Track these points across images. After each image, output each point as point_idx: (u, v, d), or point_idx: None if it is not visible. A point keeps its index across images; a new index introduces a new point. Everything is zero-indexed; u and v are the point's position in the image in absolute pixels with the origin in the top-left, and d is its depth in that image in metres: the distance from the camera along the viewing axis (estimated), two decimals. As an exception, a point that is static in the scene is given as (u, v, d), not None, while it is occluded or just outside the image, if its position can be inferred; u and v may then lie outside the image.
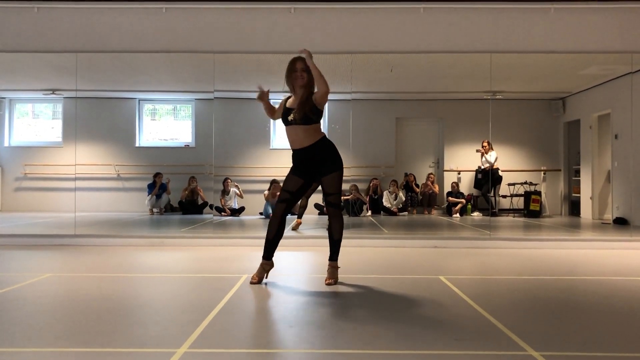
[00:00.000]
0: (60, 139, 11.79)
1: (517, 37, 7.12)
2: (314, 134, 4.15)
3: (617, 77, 8.81)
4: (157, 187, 11.11)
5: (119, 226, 8.88)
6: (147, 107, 12.13)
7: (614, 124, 9.31)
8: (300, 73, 4.18)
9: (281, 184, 11.52)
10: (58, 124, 12.00)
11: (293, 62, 4.22)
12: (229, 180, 11.07)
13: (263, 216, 10.52)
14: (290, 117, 4.13)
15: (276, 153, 11.77)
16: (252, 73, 9.59)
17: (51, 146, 11.77)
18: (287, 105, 4.25)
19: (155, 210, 11.14)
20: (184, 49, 7.23)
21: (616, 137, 9.20)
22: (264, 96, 4.32)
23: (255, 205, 10.92)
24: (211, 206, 10.85)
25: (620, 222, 8.79)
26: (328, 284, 4.20)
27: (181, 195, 11.19)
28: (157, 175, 11.16)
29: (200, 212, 11.08)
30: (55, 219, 9.40)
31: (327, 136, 4.25)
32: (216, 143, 9.26)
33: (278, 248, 4.36)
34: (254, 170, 11.57)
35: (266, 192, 10.41)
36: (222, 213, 10.80)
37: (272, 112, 4.38)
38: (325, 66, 8.77)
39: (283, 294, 4.02)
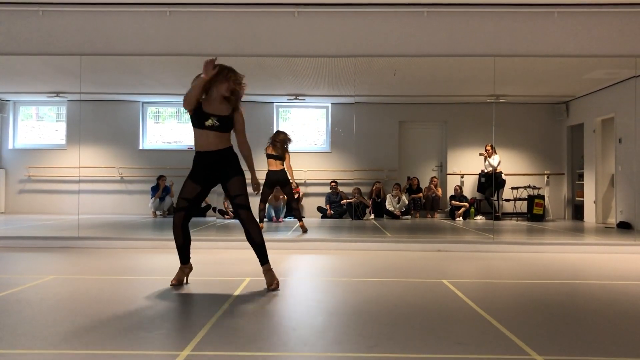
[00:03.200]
0: (64, 142, 11.82)
1: (521, 40, 7.11)
2: (225, 141, 4.14)
3: (621, 81, 8.79)
4: (160, 190, 11.12)
5: (122, 229, 8.90)
6: (150, 109, 12.16)
7: (617, 128, 9.29)
8: (243, 88, 4.15)
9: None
10: (62, 127, 12.04)
11: (233, 71, 4.14)
12: (232, 183, 11.06)
13: (266, 219, 10.52)
14: (209, 123, 4.05)
15: (279, 156, 11.76)
16: (256, 76, 9.60)
17: (55, 149, 11.80)
18: (204, 108, 4.09)
19: (158, 212, 11.15)
20: (187, 52, 7.24)
21: (620, 141, 9.18)
22: (210, 74, 4.04)
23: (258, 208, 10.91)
24: (214, 209, 10.85)
25: (624, 227, 8.76)
26: (272, 290, 4.09)
27: (184, 198, 11.19)
28: (160, 178, 11.18)
29: (203, 215, 11.08)
30: (59, 222, 9.42)
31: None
32: (219, 146, 9.25)
33: (279, 251, 4.36)
34: (257, 173, 11.52)
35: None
36: (225, 216, 10.80)
37: (197, 98, 4.11)
38: (329, 70, 8.84)
39: (286, 297, 4.02)
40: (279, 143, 8.28)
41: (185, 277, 4.37)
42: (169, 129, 12.31)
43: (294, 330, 3.07)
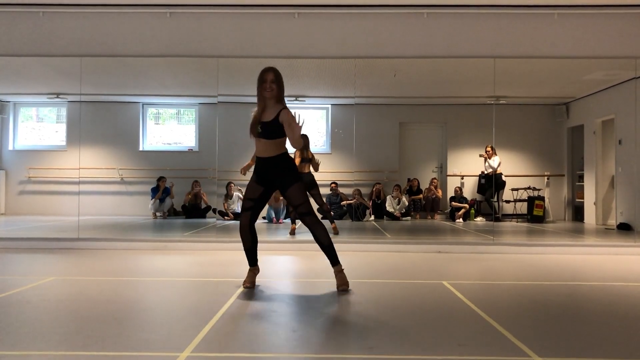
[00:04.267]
0: (64, 143, 11.82)
1: (521, 42, 7.12)
2: (274, 149, 4.16)
3: (621, 83, 8.79)
4: (160, 191, 11.13)
5: (122, 230, 8.90)
6: (151, 111, 12.16)
7: (617, 129, 9.30)
8: (270, 85, 4.17)
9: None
10: (62, 128, 12.05)
11: (263, 72, 4.22)
12: (232, 185, 11.08)
13: (266, 220, 10.52)
14: (258, 131, 4.15)
15: (279, 157, 11.78)
16: (256, 78, 9.60)
17: (55, 150, 11.80)
18: (258, 116, 4.22)
19: (158, 214, 11.15)
20: (188, 54, 7.25)
21: (620, 142, 9.18)
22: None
23: (259, 209, 10.91)
24: (214, 210, 10.86)
25: (624, 228, 8.76)
26: (342, 290, 4.13)
27: (184, 199, 11.21)
28: (160, 179, 11.18)
29: (203, 216, 11.08)
30: (59, 223, 9.42)
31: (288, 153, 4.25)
32: (220, 147, 9.28)
33: (280, 252, 4.37)
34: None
35: (269, 197, 10.41)
36: (225, 217, 10.80)
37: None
38: (329, 71, 8.85)
39: (286, 299, 4.02)
40: (305, 147, 8.30)
41: (254, 279, 4.35)
42: (169, 130, 12.32)
43: (294, 331, 3.07)
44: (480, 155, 10.79)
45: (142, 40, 7.19)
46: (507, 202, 11.03)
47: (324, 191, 11.54)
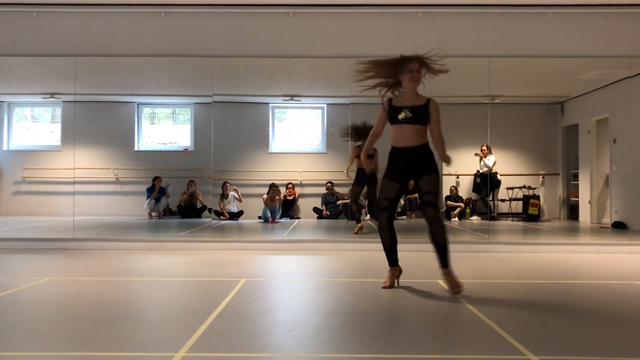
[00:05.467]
0: (59, 143, 11.78)
1: (515, 41, 7.14)
2: (421, 137, 4.10)
3: (615, 82, 8.82)
4: (156, 191, 11.10)
5: (117, 230, 8.87)
6: (146, 110, 12.13)
7: (612, 128, 9.33)
8: (416, 74, 4.16)
9: (280, 188, 11.49)
10: (57, 128, 12.00)
11: (407, 60, 4.17)
12: (228, 184, 11.07)
13: (262, 220, 10.51)
14: (401, 116, 4.06)
15: (275, 157, 11.79)
16: (251, 77, 9.60)
17: (50, 150, 11.76)
18: (395, 104, 4.17)
19: (154, 214, 11.13)
20: (182, 53, 7.24)
21: (614, 141, 9.22)
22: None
23: (254, 209, 10.92)
24: (210, 210, 10.85)
25: (619, 226, 8.79)
26: (455, 293, 3.96)
27: (180, 199, 11.19)
28: (156, 179, 11.16)
29: (199, 216, 11.07)
30: (54, 223, 9.39)
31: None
32: (215, 147, 9.27)
33: (275, 252, 4.36)
34: (253, 174, 11.56)
35: (265, 196, 10.41)
36: (221, 217, 10.79)
37: (374, 141, 4.44)
38: (324, 70, 8.84)
39: (282, 298, 4.02)
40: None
41: (396, 279, 4.30)
42: (165, 130, 12.29)
43: (289, 331, 3.07)
44: (476, 154, 10.81)
45: (137, 39, 7.17)
46: (503, 201, 11.06)
47: (320, 191, 11.56)
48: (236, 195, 11.09)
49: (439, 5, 7.03)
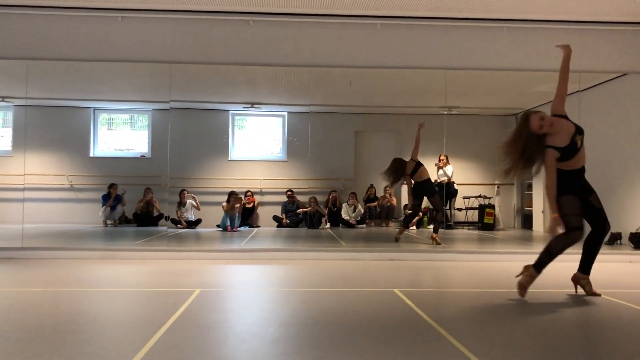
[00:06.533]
0: (9, 148, 11.40)
1: (471, 54, 7.30)
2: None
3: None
4: (112, 199, 10.86)
5: (70, 238, 8.62)
6: (103, 116, 11.88)
7: (563, 140, 9.60)
8: (544, 121, 4.77)
9: (240, 196, 11.38)
10: (8, 132, 11.61)
11: (528, 121, 4.78)
12: (186, 192, 10.92)
13: (220, 228, 10.40)
14: (579, 140, 4.65)
15: (234, 165, 11.70)
16: (211, 84, 9.53)
17: (0, 155, 11.37)
18: (566, 140, 4.68)
19: (109, 222, 10.88)
20: (139, 59, 7.13)
21: (566, 152, 9.49)
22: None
23: (213, 217, 10.79)
24: (167, 218, 10.67)
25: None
26: (597, 295, 4.53)
27: (136, 207, 10.97)
28: (112, 186, 10.91)
29: (156, 224, 10.88)
30: (2, 231, 9.05)
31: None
32: (172, 154, 9.13)
33: (232, 261, 4.30)
34: (212, 181, 11.45)
35: (225, 204, 10.31)
36: (178, 225, 10.63)
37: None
38: (284, 79, 8.85)
39: (237, 309, 3.97)
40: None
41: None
42: (122, 136, 12.05)
43: (243, 342, 3.03)
44: (436, 164, 10.98)
45: (93, 44, 7.02)
46: (459, 210, 11.26)
47: (280, 199, 11.52)
48: (194, 203, 10.94)
49: (398, 17, 7.13)
